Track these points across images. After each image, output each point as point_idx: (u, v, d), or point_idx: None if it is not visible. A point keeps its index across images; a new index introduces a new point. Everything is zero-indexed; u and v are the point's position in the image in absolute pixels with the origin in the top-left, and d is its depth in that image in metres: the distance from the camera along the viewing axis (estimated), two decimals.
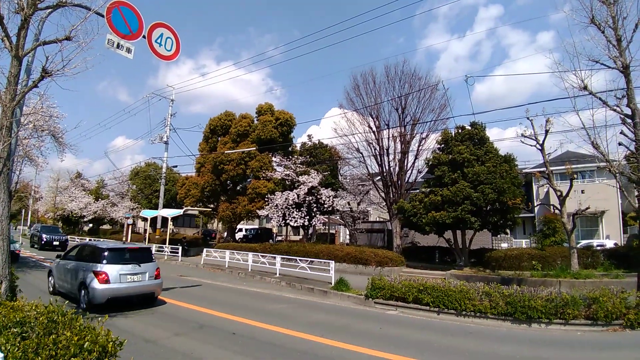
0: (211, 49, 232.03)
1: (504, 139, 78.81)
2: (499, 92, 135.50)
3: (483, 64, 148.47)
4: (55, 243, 27.96)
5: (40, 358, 3.27)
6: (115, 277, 9.03)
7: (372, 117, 23.72)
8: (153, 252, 25.34)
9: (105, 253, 9.36)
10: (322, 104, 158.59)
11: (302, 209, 22.95)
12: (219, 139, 30.11)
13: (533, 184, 30.31)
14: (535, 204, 29.34)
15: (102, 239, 33.09)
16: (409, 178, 24.06)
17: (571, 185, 16.16)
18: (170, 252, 24.97)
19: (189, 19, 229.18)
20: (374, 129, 23.64)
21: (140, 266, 9.64)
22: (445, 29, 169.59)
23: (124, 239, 30.46)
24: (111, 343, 3.70)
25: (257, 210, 25.84)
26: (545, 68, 45.11)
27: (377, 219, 33.60)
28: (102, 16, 7.17)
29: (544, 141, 16.19)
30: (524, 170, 26.68)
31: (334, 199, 23.12)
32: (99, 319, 4.22)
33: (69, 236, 39.64)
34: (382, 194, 24.34)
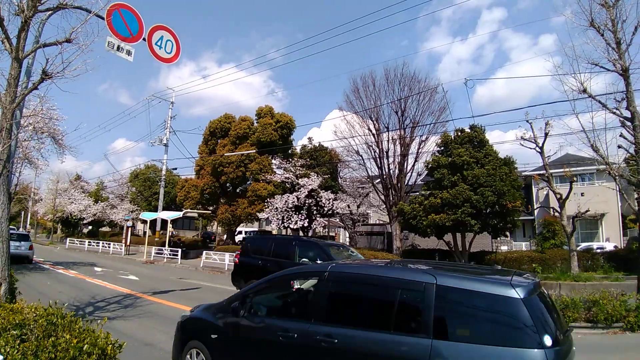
0: (213, 51, 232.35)
1: (504, 141, 78.87)
2: (501, 94, 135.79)
3: (485, 67, 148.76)
4: None
5: None
6: None
7: (372, 120, 23.75)
8: (156, 252, 25.60)
9: None
10: (324, 106, 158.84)
11: (302, 211, 22.95)
12: (219, 141, 30.13)
13: (533, 186, 30.33)
14: (535, 207, 29.35)
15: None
16: (408, 181, 24.06)
17: (571, 188, 16.17)
18: (170, 254, 24.95)
19: (191, 22, 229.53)
20: (374, 131, 23.66)
21: (20, 242, 18.45)
22: (449, 32, 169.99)
23: (124, 241, 30.39)
24: (110, 346, 3.70)
25: (257, 213, 25.86)
26: (546, 71, 45.11)
27: (377, 222, 33.57)
28: (103, 19, 7.17)
29: (543, 144, 16.21)
30: (523, 173, 26.71)
31: (334, 202, 23.13)
32: (98, 321, 4.21)
33: (68, 239, 39.70)
34: (382, 197, 24.33)
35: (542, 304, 3.16)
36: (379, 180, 24.49)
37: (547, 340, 2.81)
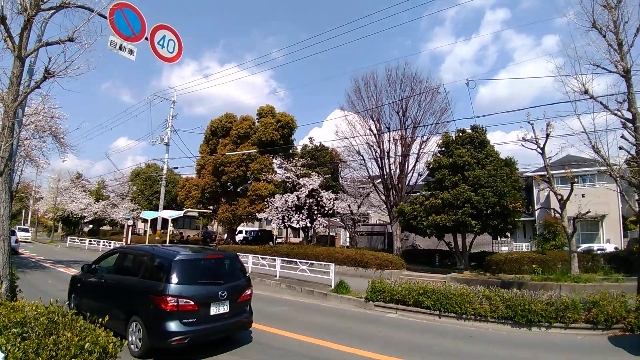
0: (215, 51, 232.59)
1: (505, 142, 78.75)
2: (503, 95, 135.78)
3: (488, 67, 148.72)
4: None
5: (40, 358, 3.28)
6: None
7: (373, 120, 23.77)
8: None
9: None
10: (326, 106, 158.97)
11: (302, 211, 22.95)
12: (220, 140, 30.14)
13: (534, 187, 30.31)
14: (536, 208, 29.32)
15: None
16: (409, 181, 24.07)
17: (572, 189, 16.15)
18: None
19: (193, 21, 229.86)
20: (375, 131, 23.67)
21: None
22: (452, 32, 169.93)
23: (124, 240, 30.41)
24: (112, 344, 3.72)
25: (257, 213, 25.85)
26: (548, 72, 45.04)
27: (378, 222, 33.57)
28: (105, 18, 7.19)
29: (544, 145, 16.19)
30: (524, 174, 26.69)
31: (335, 202, 23.12)
32: (100, 320, 4.22)
33: (69, 237, 39.73)
34: (383, 197, 24.34)
35: (188, 264, 6.38)
36: (380, 180, 24.50)
37: (174, 279, 5.94)
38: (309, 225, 23.24)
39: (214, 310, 6.18)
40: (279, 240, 37.42)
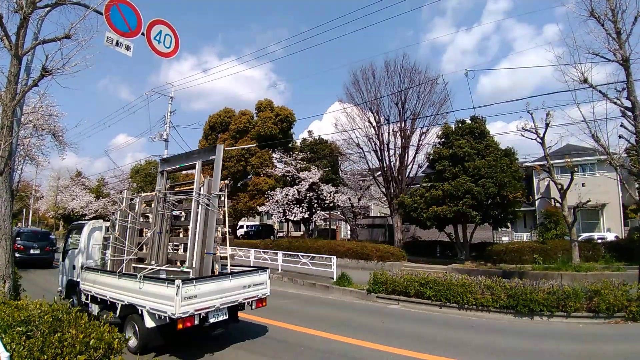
0: (213, 45, 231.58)
1: (505, 132, 78.62)
2: (505, 85, 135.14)
3: (489, 57, 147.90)
4: None
5: (46, 356, 3.29)
6: None
7: (372, 112, 23.72)
8: None
9: None
10: (326, 98, 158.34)
11: (302, 205, 22.98)
12: (219, 136, 30.11)
13: (534, 177, 30.28)
14: (536, 198, 29.31)
15: None
16: (409, 173, 24.06)
17: (572, 179, 16.14)
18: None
19: (190, 15, 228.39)
20: (374, 124, 23.63)
21: None
22: (453, 23, 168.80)
23: None
24: (117, 340, 3.73)
25: (258, 207, 25.91)
26: (548, 62, 44.82)
27: (378, 214, 33.62)
28: (101, 14, 7.13)
29: (544, 134, 16.15)
30: (524, 164, 26.63)
31: (335, 195, 23.14)
32: (104, 316, 4.24)
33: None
34: (383, 189, 24.36)
35: (25, 233, 18.63)
36: (380, 172, 24.49)
37: (19, 238, 16.94)
38: (309, 218, 23.28)
39: (32, 251, 17.34)
40: (280, 234, 37.50)
